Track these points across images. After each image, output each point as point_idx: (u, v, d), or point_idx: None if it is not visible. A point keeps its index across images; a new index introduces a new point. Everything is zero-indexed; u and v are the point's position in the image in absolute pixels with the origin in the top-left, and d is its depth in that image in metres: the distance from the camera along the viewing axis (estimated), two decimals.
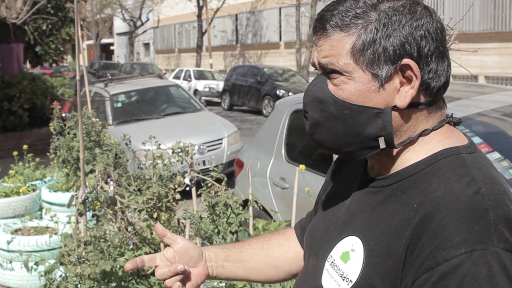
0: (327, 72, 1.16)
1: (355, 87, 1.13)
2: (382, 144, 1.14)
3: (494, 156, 3.27)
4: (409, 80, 1.12)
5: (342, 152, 1.21)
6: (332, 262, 1.20)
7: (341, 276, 1.16)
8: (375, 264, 1.09)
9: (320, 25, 1.15)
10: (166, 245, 3.53)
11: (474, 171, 1.09)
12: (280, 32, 28.63)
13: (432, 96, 1.15)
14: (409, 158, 1.16)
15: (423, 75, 1.11)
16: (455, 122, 1.21)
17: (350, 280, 1.13)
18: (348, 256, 1.16)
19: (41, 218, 5.71)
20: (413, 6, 1.12)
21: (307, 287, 1.28)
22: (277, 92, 18.81)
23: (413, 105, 1.13)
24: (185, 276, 1.37)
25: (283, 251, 1.54)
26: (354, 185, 1.28)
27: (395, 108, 1.13)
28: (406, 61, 1.10)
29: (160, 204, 3.27)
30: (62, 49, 15.40)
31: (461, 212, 1.01)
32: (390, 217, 1.11)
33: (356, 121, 1.14)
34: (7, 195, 5.81)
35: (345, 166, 1.40)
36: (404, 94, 1.12)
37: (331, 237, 1.25)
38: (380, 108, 1.12)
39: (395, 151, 1.17)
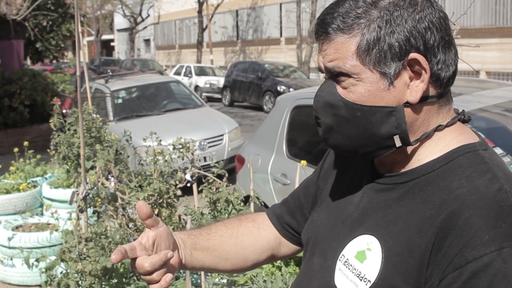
0: (335, 75, 1.15)
1: (365, 88, 1.11)
2: (398, 142, 1.13)
3: (496, 151, 3.26)
4: (418, 74, 1.11)
5: (359, 153, 1.19)
6: (346, 261, 1.18)
7: (358, 276, 1.13)
8: (395, 263, 1.08)
9: (322, 29, 1.14)
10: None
11: (493, 167, 1.08)
12: (280, 28, 28.60)
13: (442, 88, 1.14)
14: (424, 154, 1.15)
15: (432, 67, 1.10)
16: (465, 120, 1.20)
17: (369, 280, 1.11)
18: (364, 256, 1.14)
19: (42, 214, 5.71)
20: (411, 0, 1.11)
21: (316, 287, 1.25)
22: (278, 88, 18.79)
23: (425, 99, 1.12)
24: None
25: (253, 239, 1.50)
26: (361, 181, 1.26)
27: (407, 104, 1.11)
28: (413, 55, 1.09)
29: (161, 201, 3.27)
30: (62, 45, 15.40)
31: (487, 209, 1.01)
32: (409, 215, 1.09)
33: (369, 122, 1.12)
34: (8, 192, 5.81)
35: (345, 158, 1.37)
36: (415, 89, 1.11)
37: (340, 236, 1.22)
38: (392, 106, 1.11)
39: (410, 148, 1.16)
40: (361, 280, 1.12)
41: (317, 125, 1.21)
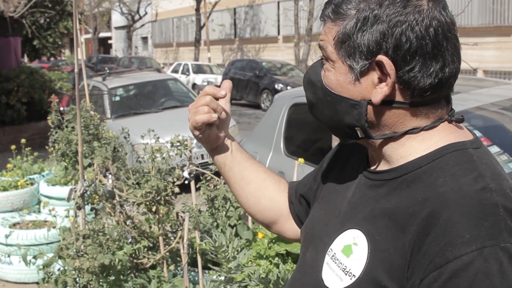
0: (323, 56, 1.19)
1: (335, 76, 1.15)
2: (360, 134, 1.16)
3: (493, 150, 3.27)
4: (386, 77, 1.10)
5: (334, 133, 1.25)
6: (333, 255, 1.17)
7: (343, 271, 1.13)
8: (381, 259, 1.07)
9: (322, 11, 1.18)
10: (165, 239, 3.53)
11: (481, 166, 1.07)
12: (278, 26, 28.59)
13: (415, 97, 1.11)
14: (408, 152, 1.14)
15: (401, 74, 1.08)
16: (456, 120, 1.17)
17: (353, 275, 1.10)
18: (350, 250, 1.14)
19: (39, 212, 5.71)
20: (404, 1, 1.07)
21: (306, 281, 1.25)
22: (276, 86, 18.80)
23: (389, 103, 1.11)
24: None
25: (277, 192, 1.55)
26: (355, 178, 1.26)
27: (370, 102, 1.12)
28: (380, 57, 1.08)
29: (159, 198, 3.27)
30: (60, 43, 15.36)
31: (469, 208, 1.00)
32: (393, 209, 1.09)
33: (336, 108, 1.17)
34: (5, 189, 5.80)
35: (344, 155, 1.38)
36: (378, 91, 1.10)
37: (331, 230, 1.23)
38: (356, 100, 1.13)
39: (390, 144, 1.16)
40: (346, 274, 1.12)
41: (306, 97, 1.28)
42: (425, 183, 1.08)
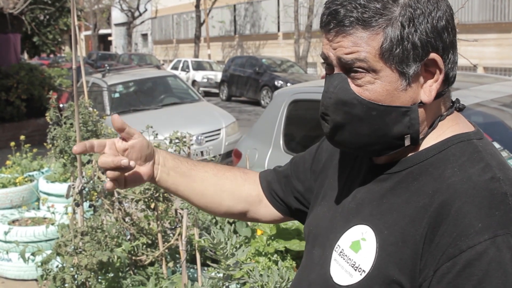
0: (348, 69, 1.10)
1: (382, 87, 1.08)
2: (407, 142, 1.12)
3: None
4: (431, 74, 1.10)
5: (365, 151, 1.17)
6: (341, 252, 1.17)
7: (352, 266, 1.13)
8: (390, 253, 1.07)
9: (335, 21, 1.08)
10: (164, 235, 3.52)
11: (487, 157, 1.08)
12: (278, 22, 28.58)
13: (450, 85, 1.15)
14: (423, 143, 1.15)
15: (445, 67, 1.10)
16: (460, 108, 1.19)
17: (363, 270, 1.10)
18: (359, 246, 1.13)
19: (38, 208, 5.70)
20: None
21: (314, 278, 1.24)
22: (275, 82, 18.79)
23: (436, 97, 1.12)
24: (129, 171, 1.34)
25: (235, 187, 1.52)
26: (360, 173, 1.25)
27: (420, 104, 1.10)
28: (433, 56, 1.08)
29: (157, 194, 3.26)
30: (59, 39, 15.33)
31: (480, 198, 1.00)
32: (403, 205, 1.09)
33: (384, 121, 1.10)
34: (4, 186, 5.80)
35: (345, 152, 1.36)
36: (428, 89, 1.10)
37: (337, 227, 1.22)
38: (408, 106, 1.09)
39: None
40: (355, 270, 1.12)
41: (324, 121, 1.17)
42: (433, 176, 1.08)
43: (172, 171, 1.45)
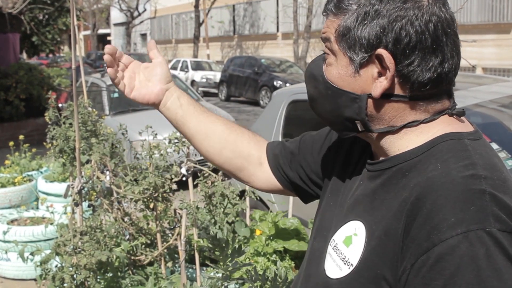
0: (326, 49, 1.21)
1: (337, 70, 1.17)
2: (360, 127, 1.18)
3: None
4: (386, 71, 1.12)
5: (333, 128, 1.29)
6: (335, 246, 1.20)
7: (342, 260, 1.16)
8: (374, 247, 1.09)
9: (325, 5, 1.21)
10: (163, 235, 3.53)
11: (474, 156, 1.08)
12: (277, 23, 28.57)
13: (414, 91, 1.12)
14: (405, 145, 1.16)
15: (401, 68, 1.10)
16: (457, 113, 1.17)
17: (351, 264, 1.13)
18: (350, 241, 1.16)
19: (37, 208, 5.70)
20: None
21: (311, 271, 1.28)
22: (275, 83, 18.80)
23: (388, 96, 1.13)
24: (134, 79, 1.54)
25: (241, 141, 1.57)
26: (361, 170, 1.29)
27: (370, 96, 1.14)
28: (379, 51, 1.10)
29: (156, 194, 3.27)
30: (58, 39, 15.34)
31: (456, 192, 1.00)
32: (391, 200, 1.10)
33: (337, 102, 1.19)
34: (3, 186, 5.80)
35: (351, 149, 1.39)
36: (378, 84, 1.12)
37: (336, 222, 1.26)
38: (357, 94, 1.15)
39: (388, 137, 1.18)
40: (345, 264, 1.15)
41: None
42: (419, 171, 1.10)
43: (185, 106, 1.55)
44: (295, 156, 1.53)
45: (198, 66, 26.11)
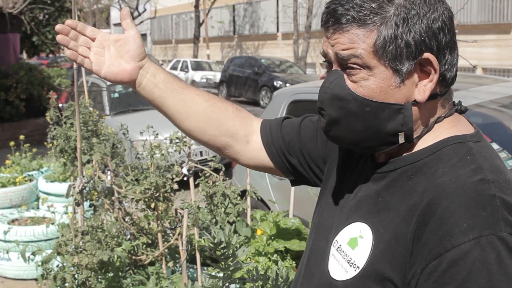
0: (345, 66, 1.14)
1: (376, 83, 1.11)
2: (401, 139, 1.14)
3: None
4: (426, 74, 1.12)
5: (360, 147, 1.19)
6: (339, 247, 1.20)
7: (348, 262, 1.15)
8: (382, 250, 1.09)
9: (333, 19, 1.12)
10: (163, 236, 3.53)
11: (480, 159, 1.09)
12: (277, 23, 28.55)
13: (447, 87, 1.15)
14: (415, 144, 1.16)
15: (440, 68, 1.11)
16: (462, 110, 1.21)
17: (357, 266, 1.12)
18: (356, 243, 1.15)
19: (38, 208, 5.70)
20: None
21: (317, 271, 1.27)
22: (275, 83, 18.78)
23: (431, 98, 1.13)
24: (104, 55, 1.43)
25: (225, 119, 1.49)
26: (362, 171, 1.27)
27: (414, 102, 1.12)
28: (426, 55, 1.09)
29: (157, 194, 3.27)
30: None
31: (467, 198, 1.01)
32: (398, 203, 1.11)
33: (377, 117, 1.12)
34: (4, 186, 5.80)
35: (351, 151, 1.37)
36: (423, 88, 1.12)
37: (337, 222, 1.25)
38: (401, 104, 1.11)
39: None
40: (351, 266, 1.14)
41: (320, 115, 1.20)
42: (426, 175, 1.10)
43: (162, 84, 1.44)
44: (295, 142, 1.48)
45: (198, 66, 26.11)
